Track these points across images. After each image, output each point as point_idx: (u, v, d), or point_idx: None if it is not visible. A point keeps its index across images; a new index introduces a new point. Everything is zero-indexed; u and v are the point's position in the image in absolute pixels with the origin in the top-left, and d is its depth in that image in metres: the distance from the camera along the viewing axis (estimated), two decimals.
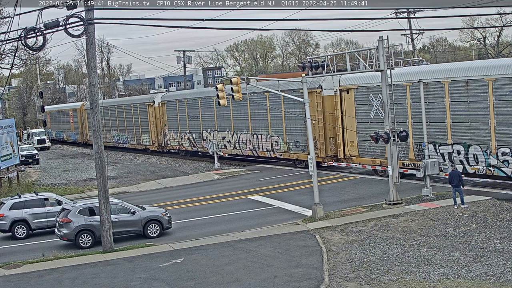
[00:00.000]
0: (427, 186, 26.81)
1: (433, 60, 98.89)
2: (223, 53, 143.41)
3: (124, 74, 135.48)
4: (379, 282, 16.47)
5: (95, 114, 22.60)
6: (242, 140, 44.46)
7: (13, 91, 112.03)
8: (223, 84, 32.04)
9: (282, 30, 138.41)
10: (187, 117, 51.14)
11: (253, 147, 43.20)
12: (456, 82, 28.06)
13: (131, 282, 18.22)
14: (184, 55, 70.52)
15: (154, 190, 37.90)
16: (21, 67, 71.94)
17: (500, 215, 22.65)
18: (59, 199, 27.85)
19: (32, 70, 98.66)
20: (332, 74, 29.89)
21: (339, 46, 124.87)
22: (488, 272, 16.60)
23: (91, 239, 23.83)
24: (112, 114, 66.83)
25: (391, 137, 25.62)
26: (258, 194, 32.15)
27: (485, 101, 26.74)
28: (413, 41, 58.66)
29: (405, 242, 20.21)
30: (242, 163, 46.18)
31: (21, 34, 21.11)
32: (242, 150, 44.48)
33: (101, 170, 22.55)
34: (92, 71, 22.49)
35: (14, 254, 23.75)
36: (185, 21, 24.60)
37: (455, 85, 28.14)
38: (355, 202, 27.94)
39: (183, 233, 24.99)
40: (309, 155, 25.76)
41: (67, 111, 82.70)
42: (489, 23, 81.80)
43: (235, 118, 45.09)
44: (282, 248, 20.59)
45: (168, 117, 54.65)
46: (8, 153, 40.35)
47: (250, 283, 17.14)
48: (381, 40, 25.47)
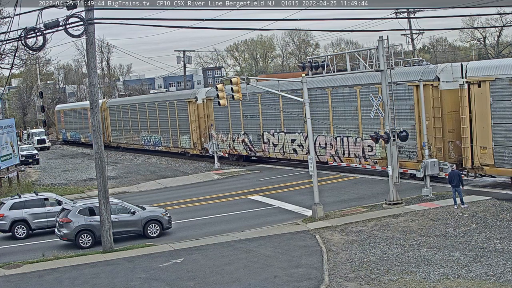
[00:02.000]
0: (427, 186, 26.81)
1: (433, 60, 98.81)
2: (223, 53, 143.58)
3: (124, 74, 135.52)
4: (379, 282, 16.47)
5: (95, 114, 22.63)
6: (320, 144, 36.80)
7: (13, 91, 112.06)
8: (223, 84, 31.98)
9: (282, 30, 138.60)
10: (242, 115, 44.06)
11: (335, 152, 35.70)
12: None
13: (131, 282, 18.21)
14: (184, 55, 70.47)
15: (154, 190, 37.90)
16: (21, 67, 71.94)
17: (500, 215, 22.65)
18: (59, 199, 27.85)
19: (32, 70, 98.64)
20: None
21: (339, 46, 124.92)
22: (488, 272, 16.60)
23: (91, 239, 23.83)
24: (141, 113, 59.19)
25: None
26: (258, 194, 32.15)
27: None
28: (413, 41, 58.65)
29: (405, 242, 20.21)
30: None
31: (21, 34, 21.11)
32: (320, 155, 36.74)
33: (101, 170, 22.55)
34: (92, 71, 22.49)
35: (14, 254, 23.74)
36: (185, 21, 24.61)
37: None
38: (355, 202, 27.94)
39: (183, 233, 24.99)
40: (309, 155, 25.77)
41: (85, 109, 73.25)
42: (489, 23, 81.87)
43: (311, 117, 37.48)
44: (282, 248, 20.58)
45: (216, 116, 47.08)
46: (8, 153, 40.36)
47: (250, 283, 17.14)
48: (381, 40, 25.47)
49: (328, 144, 35.95)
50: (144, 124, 58.80)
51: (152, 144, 57.77)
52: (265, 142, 41.83)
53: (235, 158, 46.63)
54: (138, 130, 60.14)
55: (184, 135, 51.73)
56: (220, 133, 46.85)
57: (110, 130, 67.81)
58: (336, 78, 34.55)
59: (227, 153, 46.63)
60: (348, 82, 34.07)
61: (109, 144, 67.14)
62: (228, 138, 45.88)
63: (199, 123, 49.40)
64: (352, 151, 34.41)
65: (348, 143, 34.62)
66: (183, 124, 51.51)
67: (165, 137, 54.91)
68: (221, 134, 46.77)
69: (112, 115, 66.95)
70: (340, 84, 34.71)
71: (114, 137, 67.27)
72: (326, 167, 37.48)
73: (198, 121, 49.41)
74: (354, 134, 34.05)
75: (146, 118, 58.14)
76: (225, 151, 46.49)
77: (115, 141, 67.02)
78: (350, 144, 34.48)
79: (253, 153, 43.38)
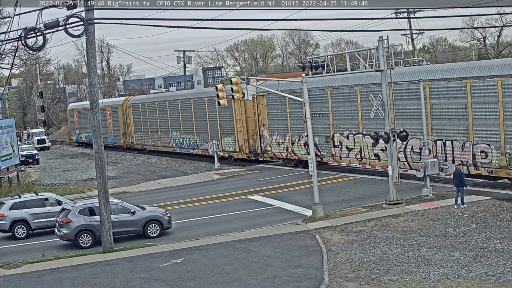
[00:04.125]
0: (427, 186, 26.81)
1: (433, 60, 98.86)
2: (223, 53, 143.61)
3: (124, 74, 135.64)
4: (379, 282, 16.47)
5: (95, 114, 22.60)
6: (413, 149, 30.75)
7: (13, 91, 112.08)
8: (223, 84, 31.94)
9: (282, 30, 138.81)
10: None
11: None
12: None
13: (131, 282, 18.22)
14: (184, 55, 70.51)
15: (154, 190, 37.90)
16: (21, 67, 72.05)
17: (500, 215, 22.65)
18: (59, 199, 27.85)
19: (32, 70, 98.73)
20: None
21: (339, 46, 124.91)
22: (488, 272, 16.60)
23: (91, 239, 23.82)
24: (172, 111, 52.69)
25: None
26: (258, 194, 32.15)
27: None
28: (413, 41, 58.69)
29: (405, 242, 20.21)
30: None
31: (21, 34, 21.11)
32: (412, 162, 30.80)
33: (101, 170, 22.55)
34: (92, 71, 22.49)
35: (14, 254, 23.74)
36: (185, 21, 24.71)
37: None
38: (355, 202, 27.93)
39: (183, 233, 24.99)
40: (309, 155, 25.77)
41: (103, 108, 62.34)
42: (489, 23, 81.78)
43: (400, 116, 30.54)
44: (282, 248, 20.58)
45: (269, 115, 41.30)
46: (8, 153, 40.36)
47: (250, 283, 17.14)
48: (381, 40, 25.47)
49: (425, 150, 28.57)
50: (176, 124, 52.48)
51: (185, 147, 51.27)
52: (336, 145, 35.81)
53: (293, 163, 40.51)
54: (168, 130, 53.95)
55: (226, 136, 45.53)
56: (274, 134, 41.06)
57: (133, 130, 61.18)
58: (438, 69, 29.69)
59: (283, 157, 40.97)
60: (453, 76, 28.57)
61: (132, 146, 61.90)
62: (286, 140, 39.97)
63: (247, 123, 43.59)
64: (459, 158, 28.53)
65: (453, 148, 28.80)
66: (225, 123, 45.40)
67: (202, 138, 48.71)
68: (275, 135, 40.90)
69: (135, 114, 60.57)
70: (434, 76, 29.33)
71: (138, 138, 60.73)
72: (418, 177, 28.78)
73: (245, 121, 43.53)
74: (462, 137, 28.27)
75: (178, 117, 51.93)
76: (280, 155, 41.01)
77: (139, 143, 60.56)
78: (455, 149, 28.65)
79: (318, 158, 36.28)
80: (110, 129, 66.28)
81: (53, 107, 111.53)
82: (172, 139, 53.40)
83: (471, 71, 27.90)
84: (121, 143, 64.58)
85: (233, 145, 44.93)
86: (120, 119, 63.70)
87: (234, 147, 44.90)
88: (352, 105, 34.19)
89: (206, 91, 52.61)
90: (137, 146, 61.33)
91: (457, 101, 28.39)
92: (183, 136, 51.67)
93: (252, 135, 43.59)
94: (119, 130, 64.41)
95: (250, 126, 43.66)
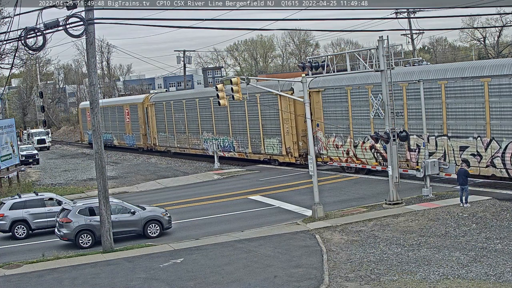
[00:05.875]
0: (427, 186, 26.81)
1: (433, 60, 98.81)
2: (223, 53, 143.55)
3: (124, 74, 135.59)
4: (379, 282, 16.47)
5: (95, 114, 22.61)
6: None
7: (13, 91, 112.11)
8: (223, 84, 31.96)
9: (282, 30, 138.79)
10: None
11: None
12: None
13: (131, 282, 18.22)
14: (184, 55, 70.50)
15: (154, 190, 37.90)
16: (21, 67, 72.03)
17: (500, 215, 22.65)
18: (59, 199, 27.86)
19: (32, 70, 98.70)
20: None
21: (339, 46, 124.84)
22: (488, 272, 16.60)
23: (91, 239, 23.83)
24: (203, 109, 47.63)
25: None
26: (258, 194, 32.15)
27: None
28: (413, 41, 58.67)
29: (405, 242, 20.21)
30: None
31: (21, 34, 21.12)
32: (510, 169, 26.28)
33: (101, 170, 22.55)
34: (92, 71, 22.49)
35: (14, 254, 23.75)
36: (185, 21, 24.86)
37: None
38: (355, 202, 27.94)
39: (183, 233, 24.99)
40: (309, 155, 25.77)
41: (120, 106, 62.61)
42: (489, 23, 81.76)
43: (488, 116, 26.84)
44: (282, 248, 20.58)
45: (325, 113, 36.30)
46: (8, 153, 40.37)
47: (250, 283, 17.14)
48: (381, 40, 25.48)
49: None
50: (207, 124, 47.61)
51: (219, 149, 46.26)
52: (412, 149, 30.83)
53: (353, 170, 35.23)
54: (197, 131, 49.10)
55: (270, 138, 40.96)
56: (331, 136, 36.20)
57: (155, 131, 56.33)
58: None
59: (343, 162, 35.74)
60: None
61: (154, 148, 57.27)
62: (346, 143, 35.02)
63: (296, 123, 38.62)
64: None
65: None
66: (269, 123, 40.85)
67: (239, 140, 44.05)
68: (333, 137, 36.05)
69: (158, 113, 55.65)
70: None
71: (161, 139, 55.97)
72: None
73: (294, 119, 38.55)
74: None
75: (211, 116, 46.88)
76: (339, 159, 35.87)
77: (163, 144, 55.82)
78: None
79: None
80: (128, 130, 61.68)
81: (53, 107, 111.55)
82: (203, 140, 48.83)
83: None
84: (140, 145, 59.71)
85: (279, 148, 40.56)
86: (140, 119, 58.61)
87: (279, 150, 40.52)
88: (436, 102, 29.36)
89: (243, 87, 48.25)
90: (160, 148, 56.67)
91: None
92: (216, 137, 46.81)
93: (303, 136, 37.45)
94: (138, 130, 59.57)
95: (301, 126, 38.26)
